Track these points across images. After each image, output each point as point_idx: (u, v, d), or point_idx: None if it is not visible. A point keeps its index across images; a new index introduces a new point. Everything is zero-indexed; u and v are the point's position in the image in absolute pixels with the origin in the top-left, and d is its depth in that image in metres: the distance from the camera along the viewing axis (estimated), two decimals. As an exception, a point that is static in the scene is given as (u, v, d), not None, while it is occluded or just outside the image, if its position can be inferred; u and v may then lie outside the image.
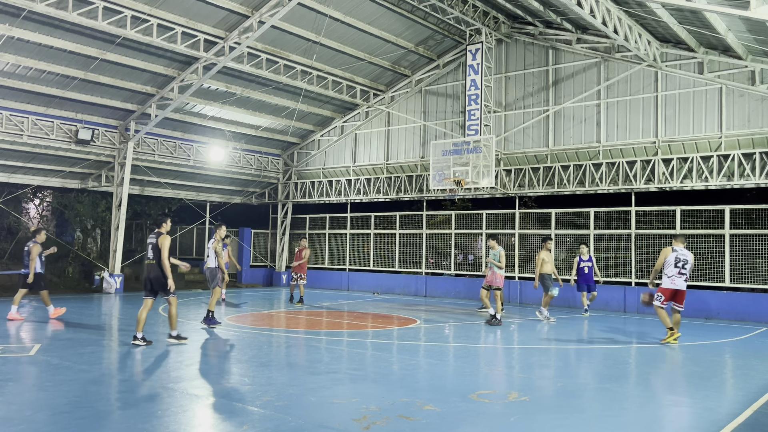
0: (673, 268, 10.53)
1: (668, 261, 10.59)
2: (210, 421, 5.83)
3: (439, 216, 22.04)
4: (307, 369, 8.08)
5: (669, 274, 10.59)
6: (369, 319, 13.85)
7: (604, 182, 17.50)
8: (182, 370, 7.90)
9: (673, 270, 10.53)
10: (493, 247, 13.45)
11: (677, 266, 10.51)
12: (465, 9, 17.44)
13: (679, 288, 10.56)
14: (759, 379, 8.04)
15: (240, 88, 19.40)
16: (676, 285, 10.54)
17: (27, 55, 15.47)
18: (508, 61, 19.58)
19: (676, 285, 10.54)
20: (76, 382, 7.00)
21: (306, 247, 16.95)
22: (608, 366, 8.87)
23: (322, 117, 22.78)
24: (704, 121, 16.21)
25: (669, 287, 10.58)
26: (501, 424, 5.77)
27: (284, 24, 16.85)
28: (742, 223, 15.71)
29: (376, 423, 5.58)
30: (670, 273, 10.56)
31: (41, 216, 24.11)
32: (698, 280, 16.06)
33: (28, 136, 17.39)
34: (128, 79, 17.52)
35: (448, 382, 7.76)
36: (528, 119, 18.94)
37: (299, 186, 24.54)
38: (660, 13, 13.86)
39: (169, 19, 15.47)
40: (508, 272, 19.65)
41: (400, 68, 20.84)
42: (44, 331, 11.01)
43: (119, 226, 19.60)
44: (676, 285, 10.53)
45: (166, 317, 11.05)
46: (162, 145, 20.61)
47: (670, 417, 6.29)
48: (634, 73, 17.13)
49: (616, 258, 17.50)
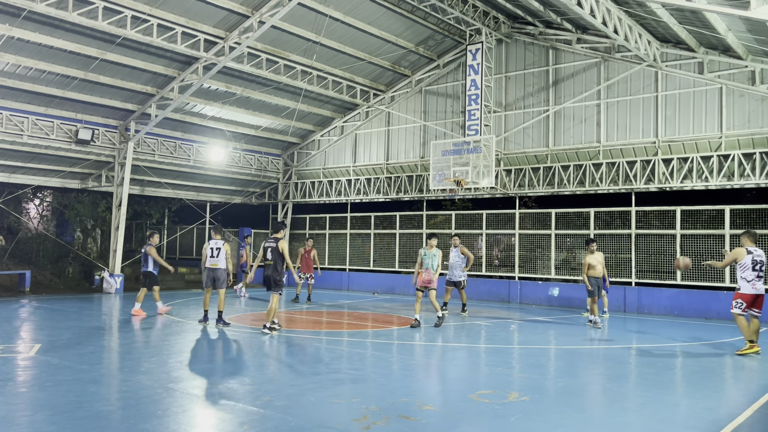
0: (751, 272, 9.73)
1: (744, 264, 9.77)
2: (210, 421, 5.83)
3: (439, 216, 22.03)
4: (307, 369, 8.08)
5: (748, 279, 9.73)
6: (369, 319, 13.84)
7: (604, 182, 17.50)
8: (182, 370, 7.90)
9: (751, 273, 9.73)
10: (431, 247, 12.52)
11: (755, 269, 9.73)
12: (465, 9, 17.44)
13: (760, 293, 9.80)
14: (759, 379, 8.04)
15: (240, 88, 19.40)
16: (758, 290, 9.76)
17: (27, 55, 15.47)
18: (508, 61, 19.58)
19: (758, 290, 9.76)
20: (76, 382, 7.00)
21: (312, 247, 17.93)
22: (608, 366, 8.87)
23: (322, 117, 22.78)
24: (704, 121, 16.21)
25: (750, 293, 9.74)
26: (501, 424, 5.76)
27: (284, 24, 16.85)
28: (743, 223, 15.69)
29: (376, 423, 5.58)
30: (750, 277, 9.72)
31: (41, 216, 24.11)
32: (698, 280, 16.07)
33: (28, 136, 17.39)
34: (128, 79, 17.52)
35: (448, 382, 7.76)
36: (528, 119, 18.94)
37: (299, 186, 24.54)
38: (660, 13, 13.86)
39: (169, 19, 15.47)
40: (508, 272, 19.68)
41: (400, 68, 20.84)
42: (44, 331, 11.01)
43: (119, 226, 19.60)
44: (757, 290, 9.76)
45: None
46: (162, 145, 20.61)
47: (670, 417, 6.29)
48: (634, 73, 17.13)
49: (616, 258, 17.50)
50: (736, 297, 9.86)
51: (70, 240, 23.66)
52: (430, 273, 12.39)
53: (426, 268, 12.42)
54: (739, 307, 9.79)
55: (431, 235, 12.92)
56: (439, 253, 12.49)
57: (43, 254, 22.06)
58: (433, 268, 12.37)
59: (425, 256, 12.50)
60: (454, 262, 14.66)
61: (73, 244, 23.24)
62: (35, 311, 14.07)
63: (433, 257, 12.42)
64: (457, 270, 14.60)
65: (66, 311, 13.97)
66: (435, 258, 12.40)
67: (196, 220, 25.84)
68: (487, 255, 20.17)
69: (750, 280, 9.72)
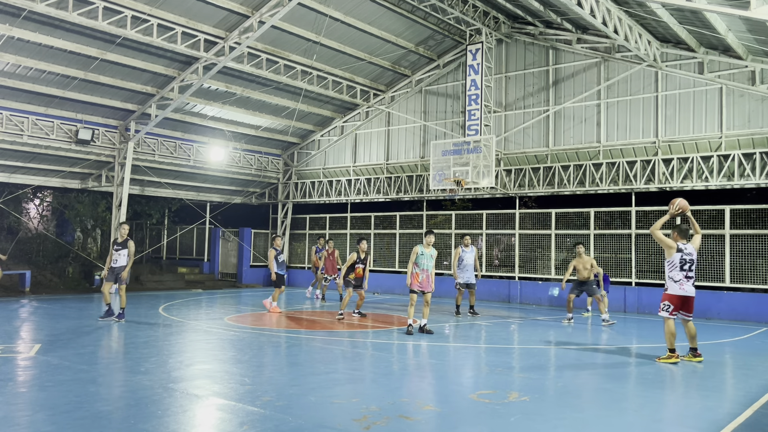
0: (678, 271, 8.90)
1: (672, 262, 8.95)
2: (210, 421, 5.83)
3: (440, 216, 22.03)
4: (307, 369, 8.08)
5: (675, 279, 8.91)
6: (369, 319, 13.84)
7: (604, 182, 17.50)
8: (182, 370, 7.90)
9: (679, 273, 8.90)
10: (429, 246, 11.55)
11: (684, 269, 8.91)
12: (465, 9, 17.44)
13: (689, 294, 8.94)
14: (759, 379, 8.04)
15: (240, 88, 19.40)
16: (686, 291, 8.92)
17: (27, 55, 15.47)
18: (508, 61, 19.58)
19: (686, 291, 8.92)
20: (76, 382, 7.00)
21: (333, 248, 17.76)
22: (608, 366, 8.87)
23: (322, 117, 22.78)
24: (704, 121, 16.21)
25: (677, 294, 8.93)
26: (501, 424, 5.76)
27: (284, 24, 16.85)
28: (743, 223, 15.70)
29: (376, 423, 5.58)
30: (677, 277, 8.90)
31: (41, 216, 24.11)
32: (698, 280, 16.05)
33: (28, 136, 17.39)
34: (128, 79, 17.52)
35: (448, 382, 7.76)
36: (528, 119, 18.94)
37: (299, 186, 24.54)
38: (660, 13, 13.86)
39: (169, 19, 15.48)
40: (508, 272, 19.67)
41: (400, 68, 20.84)
42: (44, 331, 11.01)
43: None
44: (685, 291, 8.92)
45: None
46: (162, 145, 20.61)
47: (670, 417, 6.29)
48: (634, 73, 17.12)
49: (616, 258, 17.50)
50: (663, 298, 9.05)
51: (70, 240, 23.67)
52: (427, 274, 11.35)
53: (423, 269, 11.31)
54: (666, 309, 8.94)
55: (429, 231, 11.69)
56: (435, 252, 11.60)
57: (43, 254, 22.07)
58: (431, 269, 11.37)
59: (422, 255, 11.32)
60: (469, 263, 14.48)
61: (73, 244, 23.24)
62: (35, 311, 14.07)
63: (430, 257, 11.39)
64: (471, 271, 14.52)
65: (66, 311, 13.96)
66: (433, 258, 11.42)
67: (196, 220, 25.85)
68: (488, 255, 20.17)
69: (677, 281, 8.90)
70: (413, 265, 11.39)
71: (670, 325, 8.95)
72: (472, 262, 14.57)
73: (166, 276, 23.69)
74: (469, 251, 14.60)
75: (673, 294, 8.97)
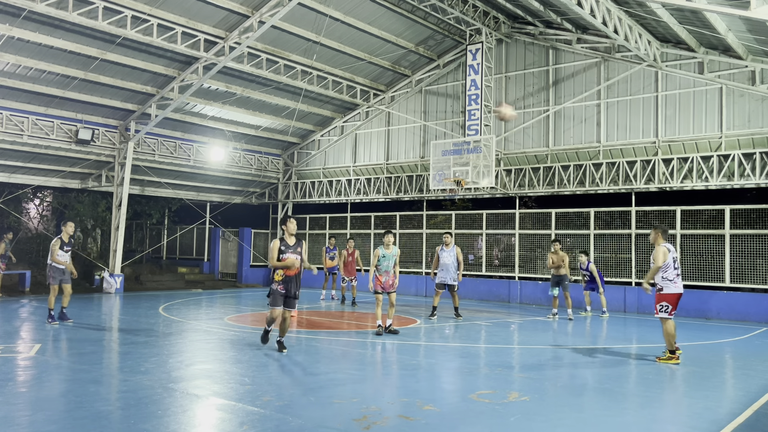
0: (672, 270, 9.00)
1: (666, 264, 8.98)
2: (210, 421, 5.83)
3: (440, 216, 22.03)
4: (307, 369, 8.08)
5: (670, 277, 8.98)
6: (369, 319, 13.83)
7: (604, 182, 17.50)
8: (182, 370, 7.90)
9: (673, 272, 9.00)
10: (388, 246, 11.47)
11: (675, 267, 9.06)
12: (465, 9, 17.44)
13: (681, 291, 9.11)
14: (759, 379, 8.04)
15: (240, 88, 19.40)
16: (680, 288, 9.06)
17: (27, 55, 15.47)
18: (508, 61, 19.58)
19: (680, 288, 9.06)
20: (76, 382, 7.00)
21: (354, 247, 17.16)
22: (608, 366, 8.87)
23: (322, 117, 22.78)
24: (704, 121, 16.21)
25: (676, 292, 8.99)
26: (501, 424, 5.76)
27: (284, 24, 16.86)
28: (743, 223, 15.70)
29: (376, 423, 5.58)
30: (671, 275, 8.99)
31: (41, 216, 24.11)
32: (698, 280, 16.06)
33: (29, 136, 17.39)
34: (128, 79, 17.52)
35: (448, 382, 7.76)
36: (528, 119, 18.94)
37: (299, 186, 24.54)
38: (660, 13, 13.86)
39: (169, 19, 15.48)
40: (508, 272, 19.67)
41: (400, 68, 20.84)
42: (44, 331, 11.01)
43: (119, 226, 19.60)
44: (680, 288, 9.05)
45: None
46: (162, 145, 20.61)
47: (670, 417, 6.29)
48: (634, 73, 17.12)
49: (616, 258, 17.49)
50: (660, 300, 8.98)
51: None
52: (390, 275, 11.28)
53: (385, 271, 11.23)
54: (665, 310, 8.93)
55: (388, 231, 11.65)
56: (397, 252, 11.46)
57: (43, 254, 22.03)
58: (391, 269, 11.25)
59: (384, 257, 11.24)
60: (447, 263, 13.59)
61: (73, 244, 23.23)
62: (35, 311, 14.06)
63: (392, 257, 11.29)
64: (452, 272, 13.59)
65: (66, 311, 13.93)
66: (393, 258, 11.30)
67: (196, 220, 25.86)
68: (487, 255, 20.16)
69: (672, 279, 8.96)
70: (374, 267, 11.31)
71: (670, 325, 8.99)
72: (449, 262, 13.57)
73: (166, 276, 23.69)
74: (448, 251, 13.65)
75: (670, 293, 9.01)
